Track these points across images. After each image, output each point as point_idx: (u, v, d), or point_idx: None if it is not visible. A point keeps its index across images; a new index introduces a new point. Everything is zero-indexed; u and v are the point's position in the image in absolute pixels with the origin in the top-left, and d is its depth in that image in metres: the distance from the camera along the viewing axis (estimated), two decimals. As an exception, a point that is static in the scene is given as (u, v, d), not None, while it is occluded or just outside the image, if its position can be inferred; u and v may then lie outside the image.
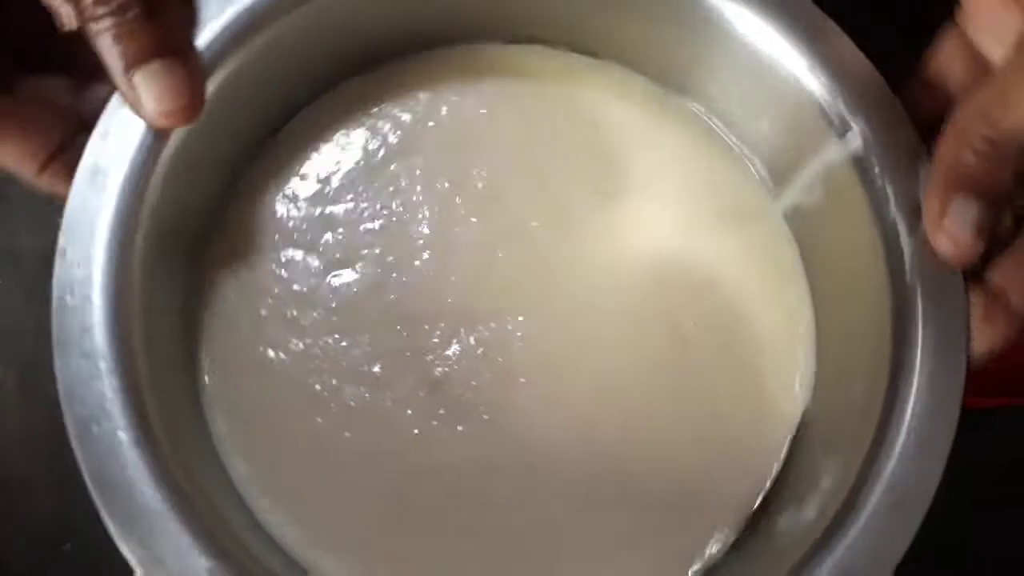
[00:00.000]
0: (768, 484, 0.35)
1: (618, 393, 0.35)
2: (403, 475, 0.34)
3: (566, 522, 0.34)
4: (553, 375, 0.35)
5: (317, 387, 0.35)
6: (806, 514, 0.32)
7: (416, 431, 0.34)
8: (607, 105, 0.39)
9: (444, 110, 0.38)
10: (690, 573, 0.34)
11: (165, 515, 0.27)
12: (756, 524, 0.35)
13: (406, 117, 0.38)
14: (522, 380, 0.35)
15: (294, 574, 0.33)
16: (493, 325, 0.35)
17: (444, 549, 0.34)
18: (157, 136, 0.30)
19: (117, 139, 0.30)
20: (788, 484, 0.35)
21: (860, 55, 0.33)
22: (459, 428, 0.34)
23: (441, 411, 0.34)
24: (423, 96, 0.38)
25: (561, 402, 0.35)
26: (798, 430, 0.36)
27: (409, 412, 0.34)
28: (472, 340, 0.35)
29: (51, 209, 0.36)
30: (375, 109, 0.38)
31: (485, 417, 0.34)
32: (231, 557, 0.28)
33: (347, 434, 0.34)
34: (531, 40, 0.39)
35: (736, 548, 0.35)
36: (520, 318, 0.36)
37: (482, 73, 0.38)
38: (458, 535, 0.34)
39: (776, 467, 0.35)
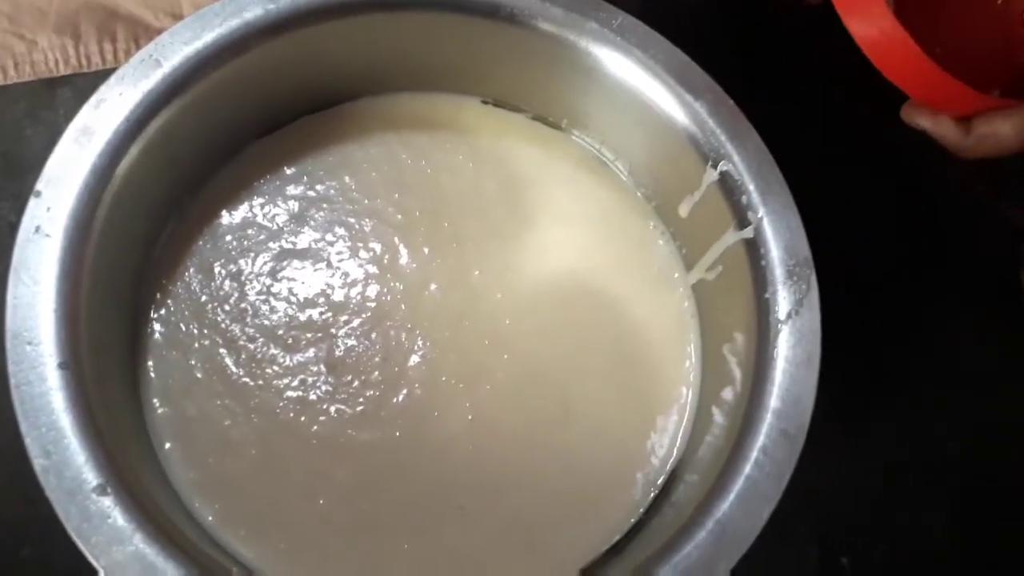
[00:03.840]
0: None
1: (491, 440, 0.39)
2: (273, 424, 0.39)
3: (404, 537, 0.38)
4: (434, 399, 0.40)
5: (236, 332, 0.40)
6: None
7: (299, 394, 0.39)
8: (511, 147, 0.44)
9: (381, 152, 0.43)
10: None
11: (69, 432, 0.31)
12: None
13: (359, 154, 0.43)
14: (404, 391, 0.40)
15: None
16: (403, 337, 0.40)
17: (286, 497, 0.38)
18: (143, 115, 0.35)
19: (108, 109, 0.35)
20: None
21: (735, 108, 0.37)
22: (333, 409, 0.39)
23: (326, 388, 0.39)
24: (368, 141, 0.43)
25: (426, 426, 0.39)
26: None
27: (301, 378, 0.39)
28: (378, 344, 0.40)
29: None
30: (332, 146, 0.43)
31: (360, 409, 0.39)
32: (118, 466, 0.31)
33: (246, 379, 0.39)
34: (441, 90, 0.44)
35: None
36: (428, 343, 0.40)
37: (407, 122, 0.44)
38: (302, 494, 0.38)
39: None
